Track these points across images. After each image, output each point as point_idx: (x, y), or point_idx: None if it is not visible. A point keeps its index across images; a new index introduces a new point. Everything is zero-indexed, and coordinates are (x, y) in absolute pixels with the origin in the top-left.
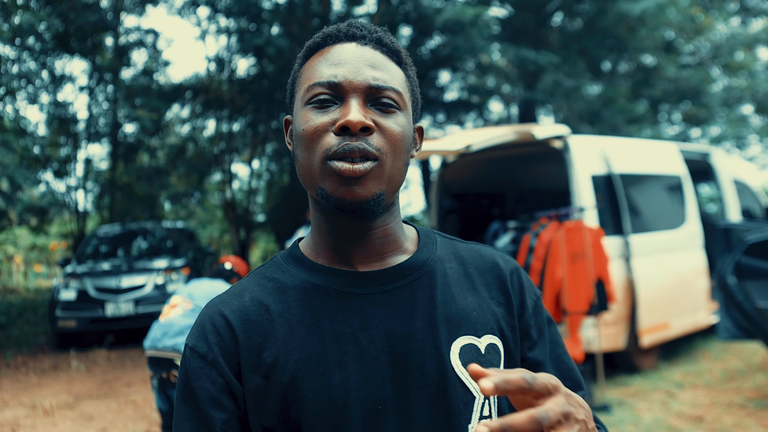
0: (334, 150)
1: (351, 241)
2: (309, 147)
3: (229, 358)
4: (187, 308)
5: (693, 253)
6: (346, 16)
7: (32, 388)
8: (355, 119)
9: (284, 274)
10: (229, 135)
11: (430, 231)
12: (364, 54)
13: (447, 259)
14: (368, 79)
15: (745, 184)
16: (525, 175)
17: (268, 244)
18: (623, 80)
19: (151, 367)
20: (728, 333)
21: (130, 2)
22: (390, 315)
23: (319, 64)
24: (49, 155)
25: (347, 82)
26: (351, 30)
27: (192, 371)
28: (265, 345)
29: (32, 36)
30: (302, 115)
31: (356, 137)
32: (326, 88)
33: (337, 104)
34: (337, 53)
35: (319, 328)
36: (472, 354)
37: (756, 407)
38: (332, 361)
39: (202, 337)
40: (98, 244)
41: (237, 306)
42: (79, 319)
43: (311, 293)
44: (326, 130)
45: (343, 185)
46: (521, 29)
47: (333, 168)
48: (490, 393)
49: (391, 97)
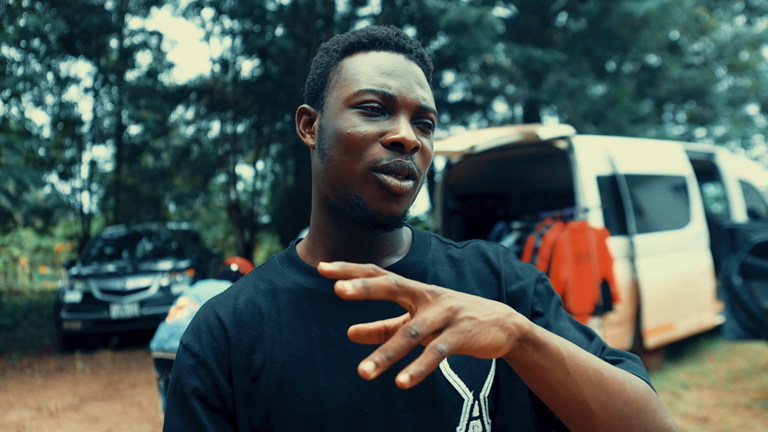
0: (384, 163)
1: (351, 246)
2: (352, 152)
3: (220, 360)
4: (193, 310)
5: (698, 254)
6: (350, 18)
7: (38, 390)
8: (411, 138)
9: (278, 275)
10: (233, 136)
11: (426, 234)
12: (412, 70)
13: (439, 262)
14: (419, 98)
15: (751, 183)
16: (529, 175)
17: (273, 246)
18: (628, 80)
19: (157, 368)
20: (734, 333)
21: (135, 4)
22: (378, 318)
23: (367, 67)
24: (54, 157)
25: (401, 97)
26: (400, 41)
27: (183, 368)
28: (255, 348)
29: (37, 38)
30: (347, 117)
31: (406, 155)
32: (379, 97)
33: (386, 116)
34: (389, 62)
35: (307, 331)
36: (461, 355)
37: (762, 408)
38: (318, 364)
39: (197, 336)
40: (103, 246)
41: (231, 308)
42: (84, 321)
43: (301, 296)
44: (375, 140)
45: (385, 200)
46: (525, 29)
47: (380, 180)
48: (348, 297)
49: (431, 118)
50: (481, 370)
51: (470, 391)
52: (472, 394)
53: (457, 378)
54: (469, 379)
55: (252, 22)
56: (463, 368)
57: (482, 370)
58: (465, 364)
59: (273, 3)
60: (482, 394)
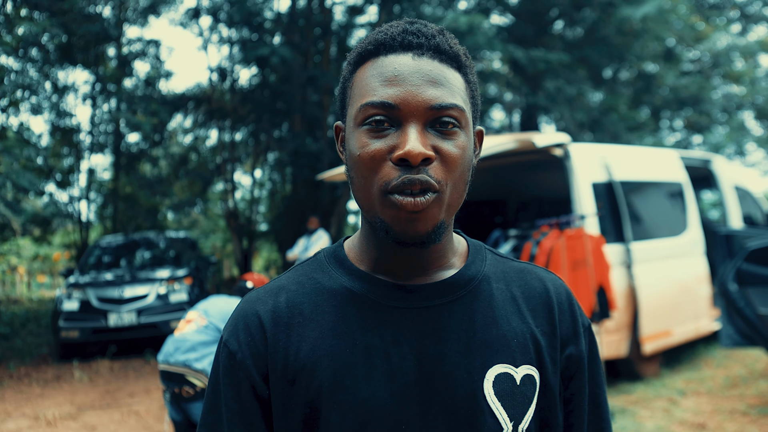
0: (393, 184)
1: (398, 256)
2: (365, 175)
3: (258, 359)
4: (201, 324)
5: (694, 260)
6: (348, 26)
7: (35, 399)
8: (415, 151)
9: (324, 275)
10: (231, 145)
11: (481, 246)
12: (421, 67)
13: (495, 279)
14: (428, 100)
15: (747, 190)
16: (526, 183)
17: (271, 254)
18: (624, 88)
19: (163, 381)
20: (730, 340)
21: (133, 13)
22: (425, 333)
23: (371, 78)
24: (53, 166)
25: (405, 105)
26: (406, 38)
27: (222, 366)
28: (295, 349)
29: (35, 47)
30: (357, 137)
31: (416, 169)
32: (381, 109)
33: (394, 128)
34: (391, 67)
35: (351, 338)
36: (507, 384)
37: (758, 414)
38: (360, 374)
39: (235, 333)
40: (101, 255)
41: (272, 305)
42: (82, 330)
43: (347, 300)
44: (384, 158)
45: (405, 220)
46: (522, 37)
47: (394, 202)
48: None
49: (452, 116)
50: (523, 401)
51: (511, 421)
52: (512, 424)
53: (500, 406)
54: (512, 410)
55: (249, 31)
56: (507, 397)
57: (525, 402)
58: (509, 393)
59: (270, 12)
60: (521, 426)
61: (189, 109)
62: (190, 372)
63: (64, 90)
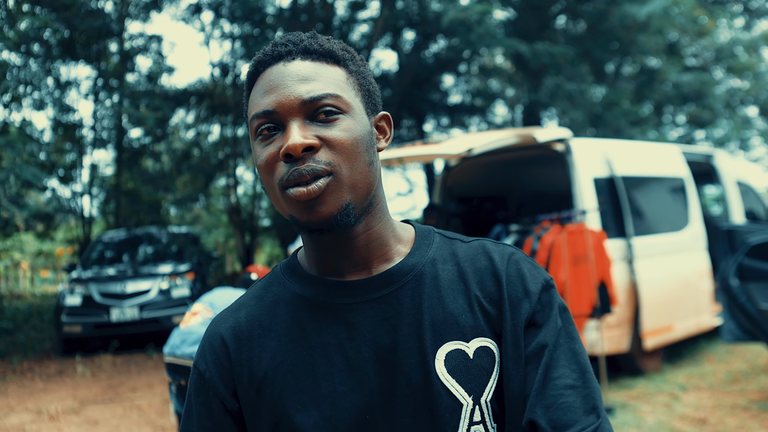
0: (285, 179)
1: (336, 253)
2: (267, 180)
3: (225, 376)
4: (207, 316)
5: (696, 255)
6: (350, 21)
7: (38, 394)
8: (295, 143)
9: (279, 286)
10: (233, 140)
11: (429, 231)
12: (290, 70)
13: (441, 261)
14: (300, 96)
15: (749, 185)
16: (527, 178)
17: (273, 249)
18: (627, 83)
19: (169, 373)
20: (732, 335)
21: (135, 8)
22: (376, 324)
23: (255, 94)
24: (55, 161)
25: (280, 106)
26: (276, 50)
27: (194, 387)
28: (257, 360)
29: (37, 42)
30: (254, 149)
31: (302, 160)
32: (264, 117)
33: (280, 131)
34: (267, 79)
35: (307, 340)
36: (460, 360)
37: (759, 409)
38: (319, 373)
39: (202, 354)
40: (103, 250)
41: (232, 323)
42: (85, 325)
43: (300, 306)
44: (276, 160)
45: (306, 209)
46: (524, 31)
47: (290, 196)
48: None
49: (329, 104)
50: (481, 374)
51: (469, 395)
52: (471, 398)
53: (456, 383)
54: (468, 384)
55: (251, 26)
56: (461, 373)
57: (482, 375)
58: (464, 369)
59: (272, 7)
60: (483, 399)
61: (191, 104)
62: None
63: (66, 85)
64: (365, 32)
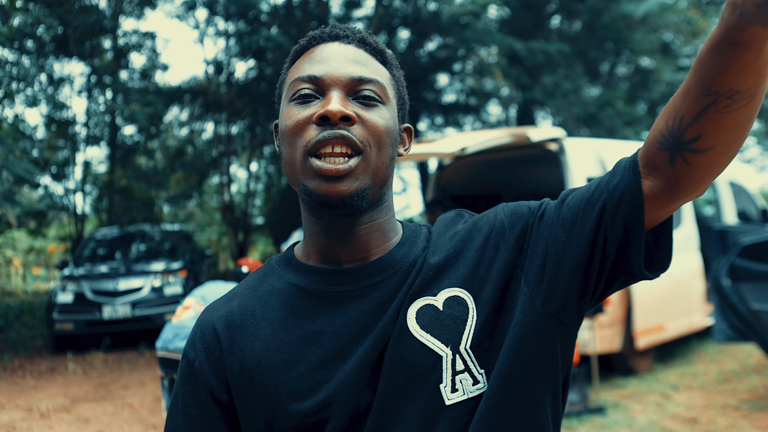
0: (315, 141)
1: (337, 239)
2: (292, 141)
3: (214, 365)
4: (199, 310)
5: (689, 256)
6: (345, 19)
7: (29, 391)
8: (335, 108)
9: (274, 277)
10: (227, 138)
11: (418, 226)
12: (347, 51)
13: (433, 247)
14: (350, 73)
15: (742, 186)
16: (521, 177)
17: (267, 247)
18: (621, 83)
19: (162, 367)
20: (723, 335)
21: (129, 5)
22: (370, 310)
23: (302, 63)
24: (48, 158)
25: (328, 76)
26: (335, 30)
27: (182, 375)
28: (248, 349)
29: (30, 38)
30: (286, 111)
31: (336, 125)
32: (307, 82)
33: (320, 98)
34: (320, 52)
35: (301, 328)
36: (429, 313)
37: (750, 409)
38: (313, 360)
39: (192, 342)
40: (96, 247)
41: (224, 312)
42: (76, 322)
43: (294, 295)
44: (308, 123)
45: (325, 182)
46: (519, 30)
47: (314, 167)
48: None
49: (373, 90)
50: (455, 323)
51: (447, 346)
52: (449, 349)
53: (430, 337)
54: (444, 335)
55: (246, 24)
56: (434, 326)
57: (457, 323)
58: (435, 321)
59: (267, 4)
60: (462, 347)
61: (185, 101)
62: None
63: (59, 82)
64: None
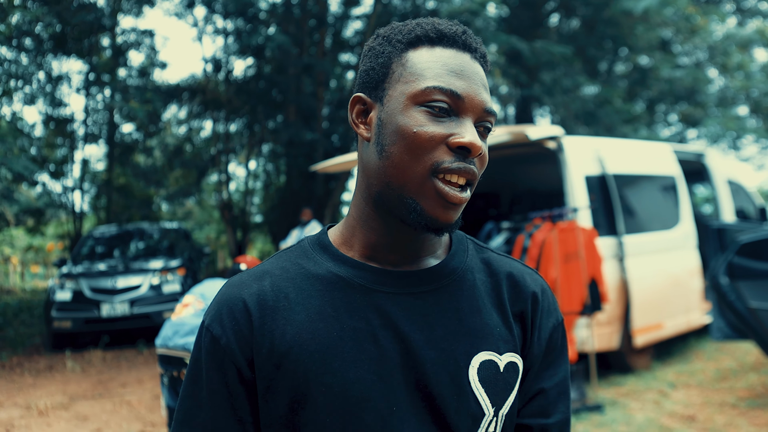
0: (446, 166)
1: (392, 242)
2: (415, 152)
3: (243, 343)
4: (198, 308)
5: (687, 254)
6: (343, 17)
7: (27, 389)
8: (478, 144)
9: (309, 261)
10: (226, 136)
11: (463, 236)
12: (478, 71)
13: (477, 269)
14: (485, 102)
15: (740, 184)
16: (519, 175)
17: (265, 245)
18: (619, 81)
19: (161, 365)
20: (721, 333)
21: (127, 3)
22: (412, 318)
23: (435, 64)
24: (46, 156)
25: (469, 100)
26: (468, 39)
27: (206, 352)
28: (280, 333)
29: (29, 36)
30: (412, 115)
31: (469, 160)
32: (448, 96)
33: (452, 117)
34: (457, 61)
35: (339, 321)
36: (491, 371)
37: (748, 407)
38: (348, 357)
39: (218, 318)
40: (94, 245)
41: (256, 289)
42: (75, 320)
43: (335, 285)
44: (441, 142)
45: (442, 207)
46: (518, 29)
47: (439, 190)
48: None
49: (491, 122)
50: (506, 388)
51: (493, 407)
52: (494, 410)
53: (484, 392)
54: (494, 396)
55: (244, 22)
56: (490, 384)
57: (507, 389)
58: (493, 380)
59: (265, 2)
60: (502, 412)
61: (183, 99)
62: (189, 355)
63: (57, 80)
64: (358, 29)
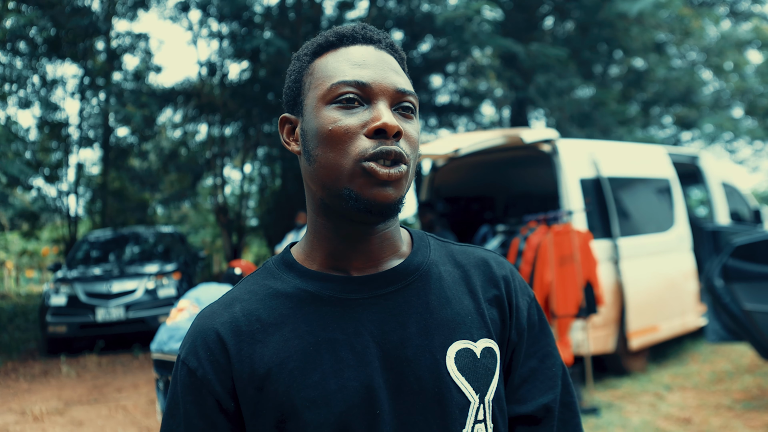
0: (370, 153)
1: (350, 247)
2: (336, 148)
3: (221, 373)
4: (193, 312)
5: (682, 256)
6: (338, 21)
7: (22, 394)
8: (392, 123)
9: (276, 280)
10: (221, 139)
11: (423, 234)
12: (384, 58)
13: (442, 262)
14: (395, 84)
15: (734, 187)
16: (514, 178)
17: (261, 249)
18: (614, 83)
19: (157, 369)
20: (716, 335)
21: (122, 7)
22: (384, 320)
23: (338, 62)
24: (41, 160)
25: (376, 84)
26: (367, 33)
27: (182, 385)
28: (258, 356)
29: (23, 40)
30: (325, 114)
31: (390, 141)
32: (354, 87)
33: (364, 106)
34: (358, 54)
35: (313, 335)
36: (468, 358)
37: (743, 409)
38: (327, 368)
39: (193, 351)
40: (89, 249)
41: (228, 318)
42: (70, 325)
43: (304, 300)
44: (357, 132)
45: (376, 186)
46: (512, 32)
47: (368, 169)
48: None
49: (411, 102)
50: (486, 374)
51: (476, 394)
52: (478, 397)
53: (465, 381)
54: (475, 383)
55: (239, 25)
56: (469, 372)
57: (487, 375)
58: (471, 367)
59: (260, 6)
60: (487, 398)
61: (179, 103)
62: None
63: (52, 84)
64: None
